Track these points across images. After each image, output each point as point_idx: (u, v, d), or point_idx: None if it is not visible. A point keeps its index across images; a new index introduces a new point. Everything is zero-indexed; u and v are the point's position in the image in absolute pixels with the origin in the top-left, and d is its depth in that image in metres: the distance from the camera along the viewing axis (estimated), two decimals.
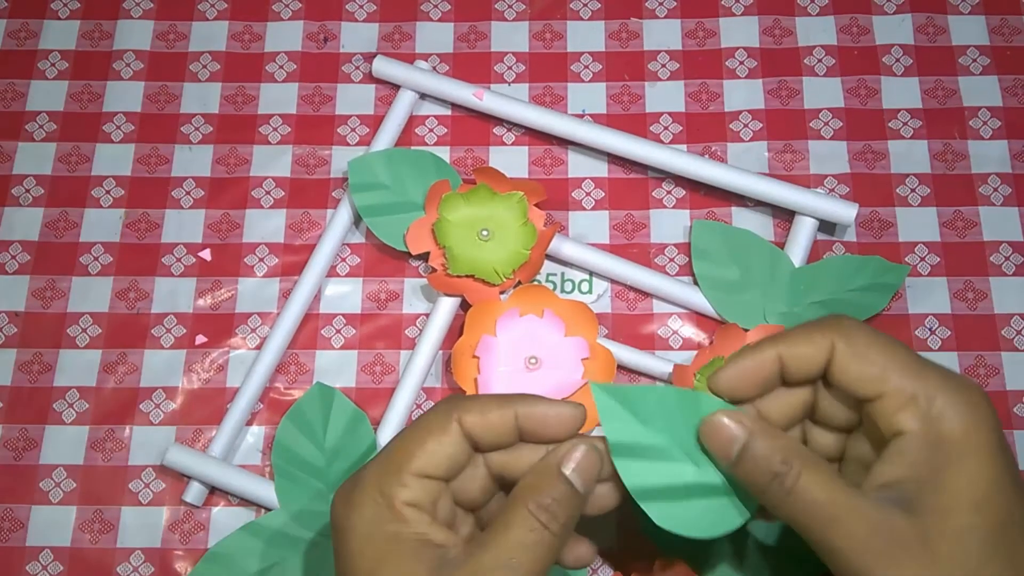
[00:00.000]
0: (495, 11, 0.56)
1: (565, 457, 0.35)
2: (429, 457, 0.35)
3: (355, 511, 0.34)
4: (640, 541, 0.46)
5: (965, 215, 0.51)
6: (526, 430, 0.36)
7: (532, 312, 0.48)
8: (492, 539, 0.34)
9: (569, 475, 0.34)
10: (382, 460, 0.35)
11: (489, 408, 0.35)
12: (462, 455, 0.36)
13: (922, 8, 0.56)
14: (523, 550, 0.33)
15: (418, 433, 0.35)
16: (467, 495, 0.37)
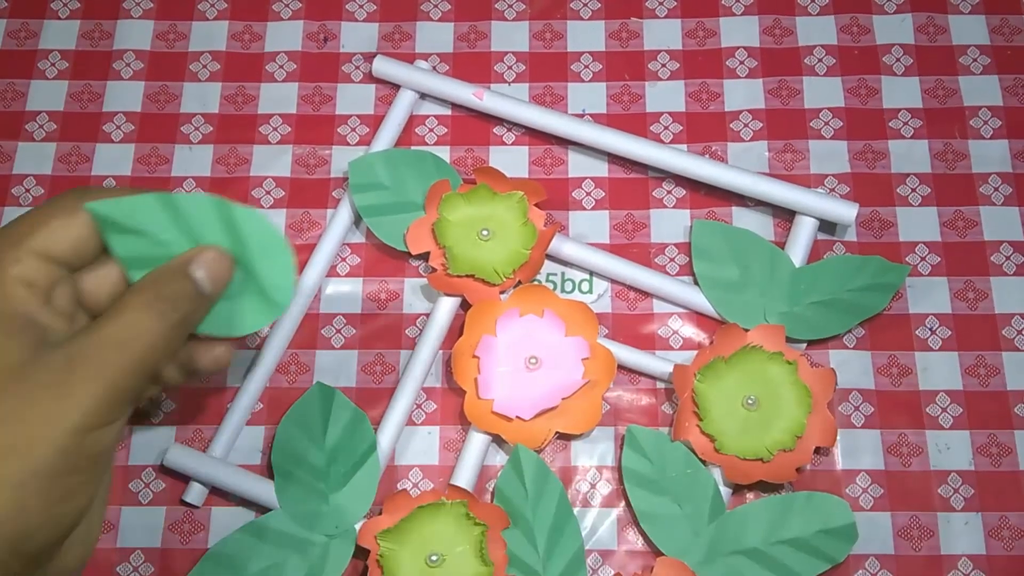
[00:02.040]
0: (495, 11, 0.56)
1: (195, 257, 0.35)
2: (52, 235, 0.33)
3: None
4: (640, 542, 0.46)
5: (966, 215, 0.51)
6: None
7: (532, 312, 0.48)
8: (102, 321, 0.32)
9: (196, 275, 0.34)
10: (11, 222, 0.33)
11: (123, 194, 0.35)
12: (90, 243, 0.34)
13: (922, 8, 0.56)
14: (135, 334, 0.32)
15: (44, 211, 0.34)
16: (95, 296, 0.35)
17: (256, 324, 0.38)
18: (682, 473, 0.45)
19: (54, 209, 0.34)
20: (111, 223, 0.35)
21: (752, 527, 0.44)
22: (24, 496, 0.30)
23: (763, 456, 0.45)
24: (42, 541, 0.31)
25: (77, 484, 0.32)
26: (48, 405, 0.31)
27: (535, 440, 0.46)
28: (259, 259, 0.37)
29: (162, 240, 0.35)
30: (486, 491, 0.47)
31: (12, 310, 0.32)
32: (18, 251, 0.33)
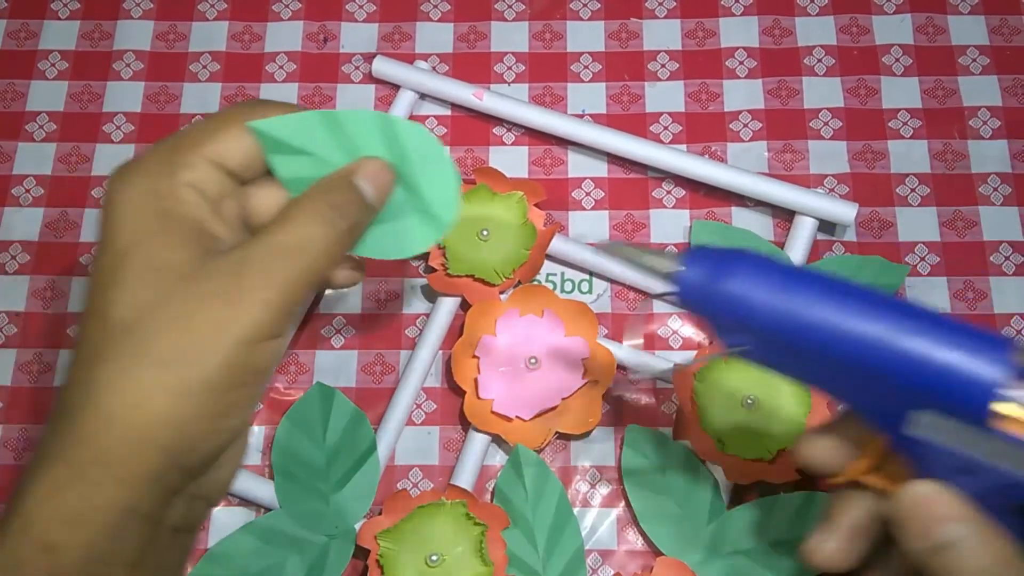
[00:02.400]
0: (495, 11, 0.56)
1: (359, 167, 0.34)
2: (225, 145, 0.33)
3: (130, 183, 0.32)
4: (640, 542, 0.46)
5: (965, 215, 0.51)
6: None
7: (532, 312, 0.48)
8: (270, 228, 0.32)
9: (361, 183, 0.34)
10: (171, 139, 0.33)
11: (284, 111, 0.34)
12: (259, 157, 0.34)
13: (922, 8, 0.56)
14: (305, 242, 0.32)
15: (217, 120, 0.33)
16: (259, 214, 0.35)
17: (422, 245, 0.37)
18: (682, 473, 0.45)
19: (226, 120, 0.34)
20: (273, 141, 0.34)
21: (752, 527, 0.44)
22: (188, 406, 0.30)
23: (763, 456, 0.45)
24: (202, 454, 0.31)
25: (240, 398, 0.31)
26: (217, 312, 0.30)
27: (535, 440, 0.46)
28: (421, 174, 0.36)
29: (323, 158, 0.35)
30: (486, 491, 0.47)
31: (183, 214, 0.32)
32: (192, 156, 0.32)
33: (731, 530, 0.44)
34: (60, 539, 0.29)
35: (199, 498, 0.33)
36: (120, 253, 0.31)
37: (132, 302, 0.30)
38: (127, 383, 0.29)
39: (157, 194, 0.31)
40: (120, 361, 0.30)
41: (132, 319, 0.30)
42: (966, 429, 0.28)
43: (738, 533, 0.44)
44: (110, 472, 0.29)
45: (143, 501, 0.30)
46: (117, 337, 0.30)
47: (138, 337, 0.30)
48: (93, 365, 0.30)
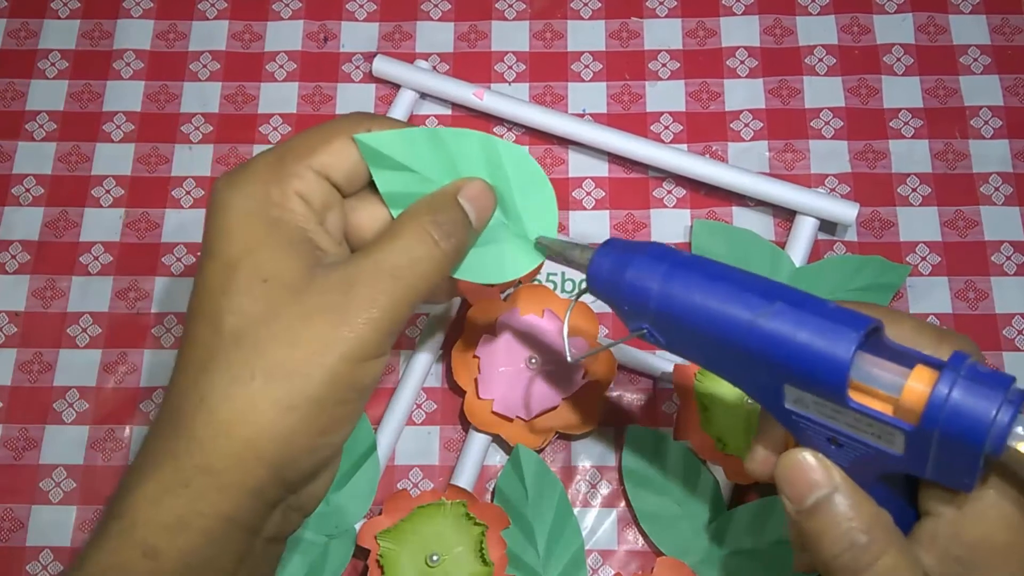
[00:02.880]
0: (495, 10, 0.56)
1: (463, 187, 0.34)
2: (332, 156, 0.33)
3: (239, 189, 0.32)
4: (640, 542, 0.46)
5: (966, 215, 0.51)
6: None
7: (532, 312, 0.48)
8: (377, 246, 0.32)
9: (464, 204, 0.34)
10: (280, 147, 0.33)
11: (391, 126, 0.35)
12: (364, 171, 0.34)
13: (923, 7, 0.56)
14: (412, 260, 0.32)
15: (325, 131, 0.34)
16: (360, 230, 0.35)
17: (518, 270, 0.37)
18: (682, 473, 0.45)
19: (334, 131, 0.34)
20: (378, 155, 0.34)
21: (752, 527, 0.44)
22: (294, 421, 0.30)
23: None
24: (303, 469, 0.31)
25: (343, 414, 0.31)
26: (324, 329, 0.30)
27: (535, 440, 0.46)
28: (521, 198, 0.36)
29: (425, 175, 0.35)
30: (486, 491, 0.47)
31: (292, 223, 0.32)
32: (299, 166, 0.33)
33: (731, 530, 0.44)
34: (161, 544, 0.29)
35: (294, 510, 0.33)
36: (230, 261, 0.31)
37: (242, 312, 0.30)
38: (237, 394, 0.30)
39: (267, 202, 0.32)
40: (231, 371, 0.30)
41: (242, 329, 0.30)
42: (826, 403, 0.30)
43: (738, 533, 0.44)
44: (215, 481, 0.29)
45: (244, 512, 0.30)
46: (228, 346, 0.30)
47: (248, 348, 0.30)
48: (205, 372, 0.30)
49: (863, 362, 0.29)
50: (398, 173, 0.35)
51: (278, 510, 0.32)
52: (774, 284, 0.32)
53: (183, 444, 0.30)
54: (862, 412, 0.29)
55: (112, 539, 0.29)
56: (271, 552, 0.33)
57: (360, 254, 0.32)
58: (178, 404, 0.31)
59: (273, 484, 0.30)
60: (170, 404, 0.31)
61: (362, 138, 0.34)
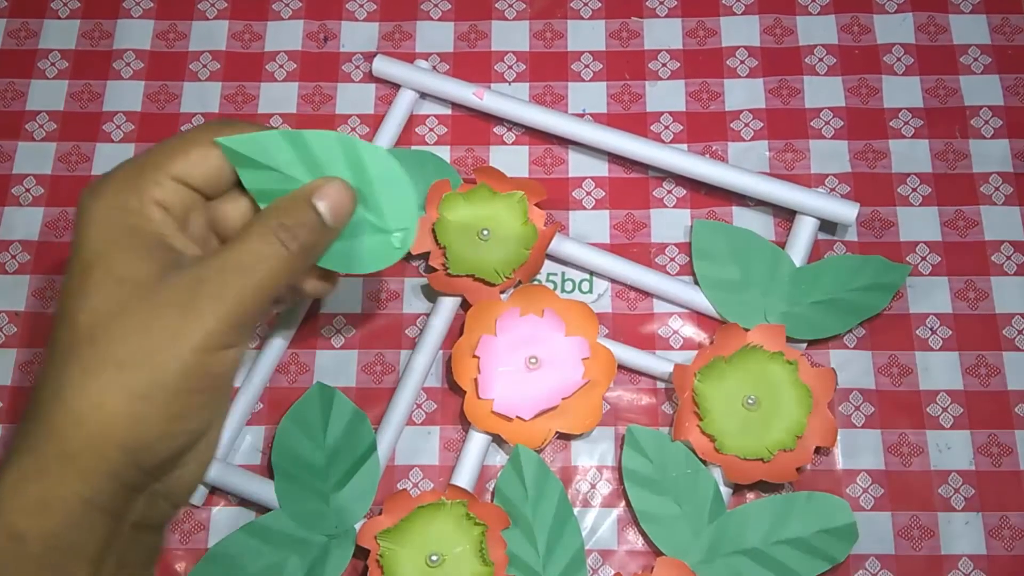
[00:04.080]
0: (495, 10, 0.56)
1: (318, 188, 0.36)
2: (191, 163, 0.35)
3: (100, 199, 0.34)
4: (640, 542, 0.46)
5: (966, 214, 0.51)
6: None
7: (532, 312, 0.48)
8: (227, 248, 0.34)
9: (319, 204, 0.35)
10: (140, 157, 0.35)
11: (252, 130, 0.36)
12: (226, 174, 0.36)
13: (923, 7, 0.56)
14: (257, 260, 0.34)
15: (183, 140, 0.35)
16: (227, 224, 0.37)
17: (377, 264, 0.38)
18: (682, 473, 0.45)
19: (194, 139, 0.35)
20: (241, 157, 0.36)
21: (752, 527, 0.44)
22: (146, 408, 0.31)
23: (763, 456, 0.45)
24: (159, 454, 0.33)
25: (196, 403, 0.33)
26: (174, 322, 0.32)
27: (535, 440, 0.46)
28: (383, 196, 0.37)
29: (289, 175, 0.36)
30: (486, 491, 0.47)
31: (148, 230, 0.34)
32: (159, 175, 0.34)
33: (731, 530, 0.44)
34: (25, 527, 0.30)
35: (161, 497, 0.34)
36: (87, 264, 0.33)
37: (96, 309, 0.32)
38: (90, 384, 0.31)
39: (125, 210, 0.34)
40: (84, 364, 0.32)
41: (95, 325, 0.32)
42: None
43: (738, 533, 0.44)
44: (72, 465, 0.31)
45: (102, 495, 0.31)
46: (82, 342, 0.32)
47: (101, 342, 0.32)
48: (62, 367, 0.32)
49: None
50: (263, 171, 0.36)
51: (142, 496, 0.33)
52: None
53: (42, 433, 0.31)
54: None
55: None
56: (141, 539, 0.34)
57: (212, 255, 0.34)
58: (38, 398, 0.32)
59: (129, 468, 0.32)
60: (32, 400, 0.33)
61: (223, 141, 0.35)
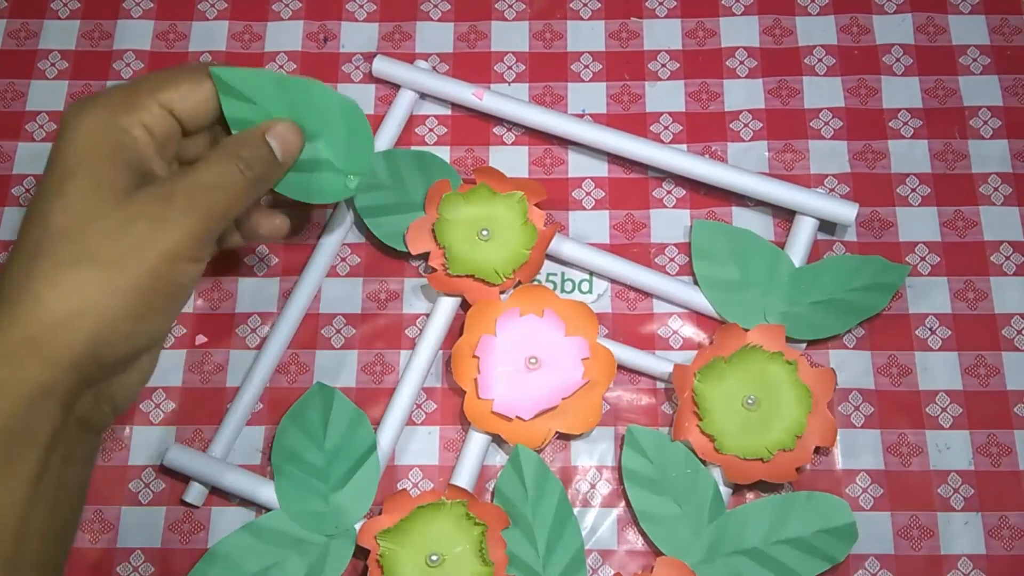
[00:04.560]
0: (495, 11, 0.56)
1: (271, 128, 0.40)
2: (179, 94, 0.39)
3: (89, 113, 0.36)
4: (640, 542, 0.46)
5: (965, 215, 0.51)
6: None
7: (532, 312, 0.48)
8: (194, 170, 0.37)
9: (271, 141, 0.40)
10: (133, 82, 0.38)
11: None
12: (207, 112, 0.40)
13: (922, 8, 0.56)
14: (220, 183, 0.38)
15: (176, 72, 0.39)
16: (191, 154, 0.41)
17: (328, 198, 0.44)
18: (682, 473, 0.45)
19: (186, 73, 0.39)
20: (229, 88, 0.40)
21: (752, 527, 0.44)
22: (115, 304, 0.34)
23: (763, 456, 0.45)
24: (119, 351, 0.35)
25: (160, 307, 0.36)
26: (146, 230, 0.35)
27: (535, 440, 0.46)
28: (347, 142, 0.43)
29: (266, 110, 0.41)
30: (486, 491, 0.47)
31: (131, 148, 0.37)
32: (149, 100, 0.38)
33: (731, 530, 0.44)
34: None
35: (105, 399, 0.37)
36: (69, 169, 0.35)
37: (73, 211, 0.35)
38: (62, 277, 0.34)
39: (113, 126, 0.36)
40: (57, 258, 0.34)
41: (72, 226, 0.34)
42: None
43: (738, 533, 0.44)
44: (37, 351, 0.33)
45: (60, 384, 0.33)
46: (56, 239, 0.34)
47: (77, 241, 0.34)
48: (33, 260, 0.34)
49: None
50: (244, 104, 0.40)
51: (90, 392, 0.36)
52: None
53: (7, 320, 0.33)
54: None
55: None
56: (84, 440, 0.36)
57: (180, 173, 0.37)
58: (5, 292, 0.34)
59: (90, 361, 0.34)
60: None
61: (217, 71, 0.39)
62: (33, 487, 0.33)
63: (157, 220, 0.35)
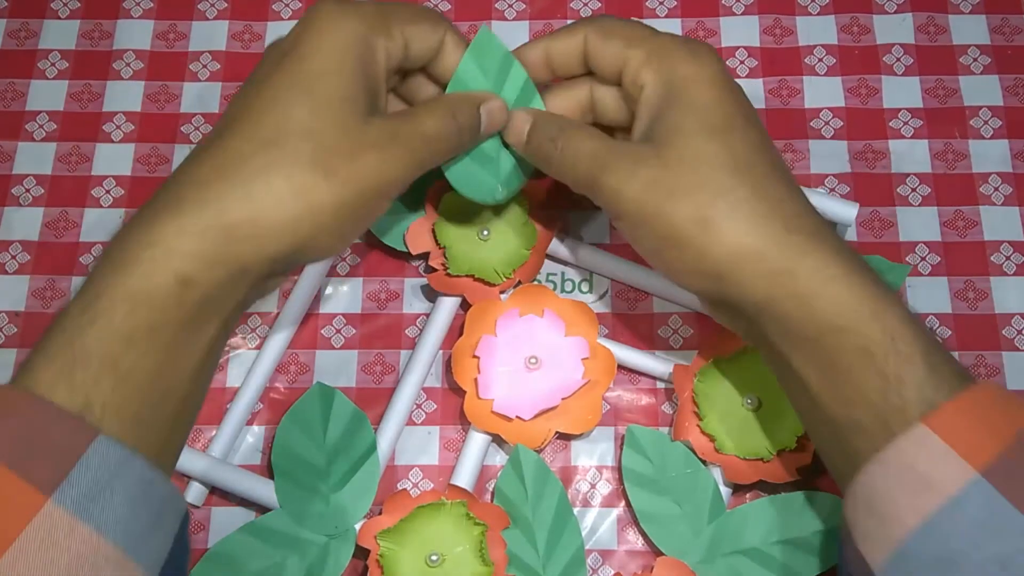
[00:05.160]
0: (495, 10, 0.56)
1: (487, 100, 0.41)
2: (419, 32, 0.40)
3: (347, 21, 0.37)
4: (640, 541, 0.46)
5: (966, 215, 0.51)
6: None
7: (532, 312, 0.48)
8: (413, 115, 0.39)
9: (482, 111, 0.41)
10: (384, 4, 0.39)
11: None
12: (428, 59, 0.41)
13: (923, 7, 0.56)
14: (437, 132, 0.39)
15: (419, 10, 0.40)
16: (411, 95, 0.44)
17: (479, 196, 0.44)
18: (682, 473, 0.45)
19: (426, 14, 0.40)
20: (482, 52, 0.42)
21: (752, 527, 0.44)
22: (329, 220, 0.36)
23: (763, 456, 0.45)
24: (308, 259, 0.38)
25: (355, 232, 0.39)
26: (375, 160, 0.37)
27: (535, 440, 0.46)
28: (512, 161, 0.44)
29: (487, 83, 0.42)
30: (486, 491, 0.47)
31: (375, 69, 0.38)
32: (397, 28, 0.39)
33: (731, 530, 0.44)
34: (195, 274, 0.33)
35: (267, 289, 0.38)
36: (321, 72, 0.36)
37: (322, 116, 0.36)
38: (298, 174, 0.35)
39: (365, 43, 0.37)
40: (298, 155, 0.35)
41: (317, 129, 0.36)
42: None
43: (738, 533, 0.44)
44: (254, 235, 0.34)
45: (258, 268, 0.35)
46: (299, 137, 0.35)
47: (318, 146, 0.35)
48: (274, 148, 0.35)
49: None
50: (478, 72, 0.42)
51: (267, 281, 0.37)
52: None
53: (241, 199, 0.34)
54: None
55: (143, 264, 0.33)
56: (236, 320, 0.38)
57: (403, 116, 0.38)
58: (247, 163, 0.35)
59: (287, 259, 0.36)
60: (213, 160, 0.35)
61: (488, 33, 0.42)
62: (207, 355, 0.35)
63: (384, 154, 0.37)
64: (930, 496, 0.32)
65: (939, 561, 0.31)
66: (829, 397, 0.35)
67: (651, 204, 0.37)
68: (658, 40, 0.40)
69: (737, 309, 0.38)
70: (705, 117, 0.38)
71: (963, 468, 0.31)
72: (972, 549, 0.31)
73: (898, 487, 0.33)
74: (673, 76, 0.39)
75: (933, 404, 0.33)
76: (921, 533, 0.32)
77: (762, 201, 0.36)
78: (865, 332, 0.34)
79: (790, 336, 0.36)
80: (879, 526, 0.33)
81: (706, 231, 0.36)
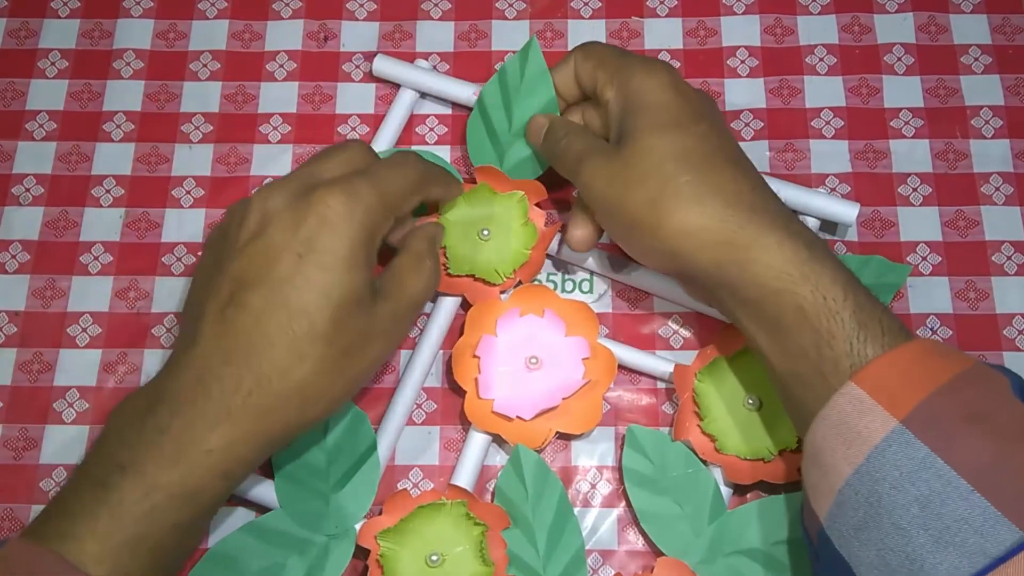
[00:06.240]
0: (496, 10, 0.56)
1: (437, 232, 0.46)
2: (411, 204, 0.43)
3: (356, 217, 0.39)
4: (640, 542, 0.46)
5: (967, 214, 0.51)
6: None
7: (532, 312, 0.48)
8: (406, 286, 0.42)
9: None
10: (380, 185, 0.41)
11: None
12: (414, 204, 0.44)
13: (924, 7, 0.56)
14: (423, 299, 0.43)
15: (422, 180, 0.43)
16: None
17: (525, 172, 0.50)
18: (683, 473, 0.45)
19: (414, 182, 0.43)
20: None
21: (753, 527, 0.44)
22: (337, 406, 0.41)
23: (764, 456, 0.45)
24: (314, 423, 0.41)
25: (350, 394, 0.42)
26: (381, 347, 0.41)
27: (535, 440, 0.46)
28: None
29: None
30: (486, 491, 0.47)
31: (373, 248, 0.41)
32: (391, 212, 0.41)
33: (731, 530, 0.44)
34: (236, 470, 0.38)
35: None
36: (334, 282, 0.39)
37: (340, 324, 0.39)
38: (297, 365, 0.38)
39: (371, 232, 0.40)
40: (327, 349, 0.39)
41: (332, 323, 0.38)
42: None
43: (738, 533, 0.44)
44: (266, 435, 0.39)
45: (260, 455, 0.39)
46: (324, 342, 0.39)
47: (334, 341, 0.39)
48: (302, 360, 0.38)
49: None
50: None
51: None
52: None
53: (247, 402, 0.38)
54: None
55: (195, 466, 0.37)
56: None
57: (396, 292, 0.42)
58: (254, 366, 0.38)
59: (295, 431, 0.40)
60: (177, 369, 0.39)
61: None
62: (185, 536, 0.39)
63: (391, 337, 0.42)
64: (860, 446, 0.35)
65: (869, 505, 0.35)
66: (776, 353, 0.40)
67: (614, 195, 0.42)
68: (622, 60, 0.45)
69: (698, 282, 0.42)
70: (655, 117, 0.42)
71: (886, 418, 0.35)
72: (895, 492, 0.34)
73: (836, 439, 0.36)
74: (629, 89, 0.44)
75: (866, 357, 0.37)
76: (853, 479, 0.35)
77: (703, 183, 0.41)
78: (799, 292, 0.38)
79: (737, 298, 0.41)
80: (822, 478, 0.37)
81: (656, 213, 0.41)
